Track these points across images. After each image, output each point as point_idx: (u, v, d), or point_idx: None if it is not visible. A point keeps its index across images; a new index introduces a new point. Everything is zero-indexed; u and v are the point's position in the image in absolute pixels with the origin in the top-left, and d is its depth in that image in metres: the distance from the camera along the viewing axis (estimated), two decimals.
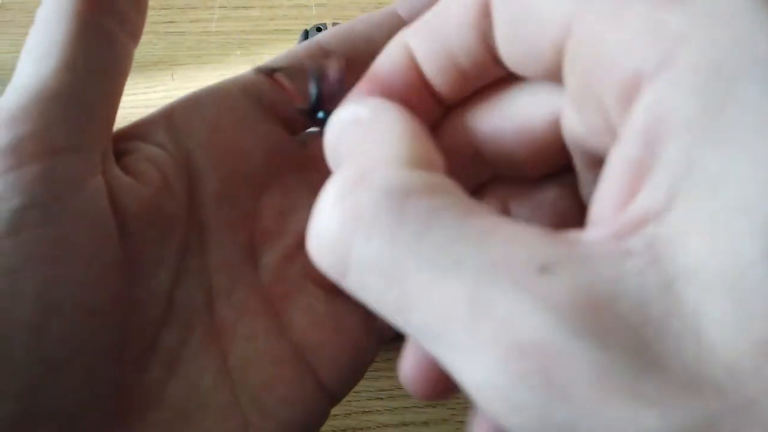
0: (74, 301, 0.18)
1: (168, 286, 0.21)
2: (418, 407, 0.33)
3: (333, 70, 0.19)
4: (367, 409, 0.33)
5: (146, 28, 0.21)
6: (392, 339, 0.22)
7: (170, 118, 0.22)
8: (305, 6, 0.48)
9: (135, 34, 0.21)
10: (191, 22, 0.46)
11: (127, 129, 0.22)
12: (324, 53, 0.23)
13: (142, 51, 0.41)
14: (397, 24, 0.23)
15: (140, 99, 0.22)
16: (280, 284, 0.23)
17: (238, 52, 0.45)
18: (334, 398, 0.23)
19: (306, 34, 0.41)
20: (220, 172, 0.22)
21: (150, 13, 0.21)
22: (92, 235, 0.19)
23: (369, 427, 0.33)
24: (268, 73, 0.22)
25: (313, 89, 0.19)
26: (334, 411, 0.23)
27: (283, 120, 0.24)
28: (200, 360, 0.21)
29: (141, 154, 0.21)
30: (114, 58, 0.20)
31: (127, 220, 0.20)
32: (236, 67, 0.43)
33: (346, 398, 0.23)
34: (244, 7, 0.47)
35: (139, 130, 0.22)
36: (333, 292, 0.22)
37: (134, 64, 0.21)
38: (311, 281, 0.23)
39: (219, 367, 0.21)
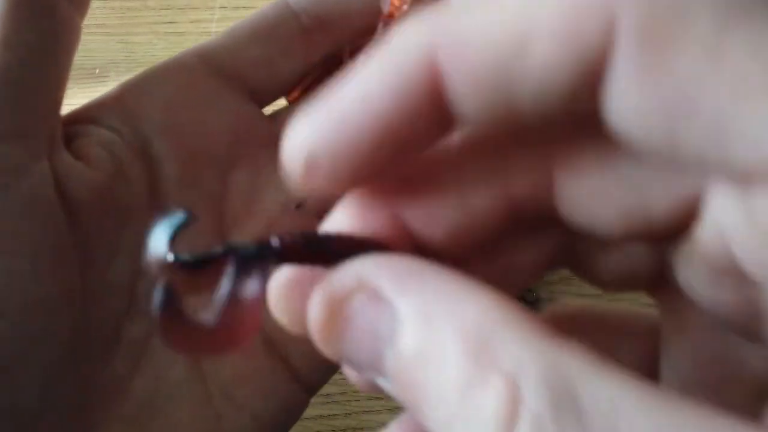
0: (22, 295, 0.17)
1: (128, 276, 0.20)
2: None
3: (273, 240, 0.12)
4: (367, 409, 0.33)
5: (146, 28, 0.21)
6: None
7: (122, 99, 0.21)
8: None
9: (81, 6, 0.20)
10: (191, 22, 0.46)
11: (78, 111, 0.21)
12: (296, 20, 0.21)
13: (142, 51, 0.41)
14: None
15: None
16: None
17: None
18: (311, 389, 0.22)
19: None
20: (179, 153, 0.21)
21: (150, 13, 0.21)
22: (38, 224, 0.18)
23: (369, 427, 0.33)
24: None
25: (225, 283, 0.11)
26: (334, 411, 0.22)
27: (249, 91, 0.22)
28: (168, 352, 0.20)
29: (93, 138, 0.20)
30: (56, 33, 0.19)
31: (76, 207, 0.19)
32: None
33: (346, 398, 0.23)
34: (244, 7, 0.47)
35: (90, 113, 0.21)
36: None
37: (134, 64, 0.21)
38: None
39: (188, 359, 0.21)
